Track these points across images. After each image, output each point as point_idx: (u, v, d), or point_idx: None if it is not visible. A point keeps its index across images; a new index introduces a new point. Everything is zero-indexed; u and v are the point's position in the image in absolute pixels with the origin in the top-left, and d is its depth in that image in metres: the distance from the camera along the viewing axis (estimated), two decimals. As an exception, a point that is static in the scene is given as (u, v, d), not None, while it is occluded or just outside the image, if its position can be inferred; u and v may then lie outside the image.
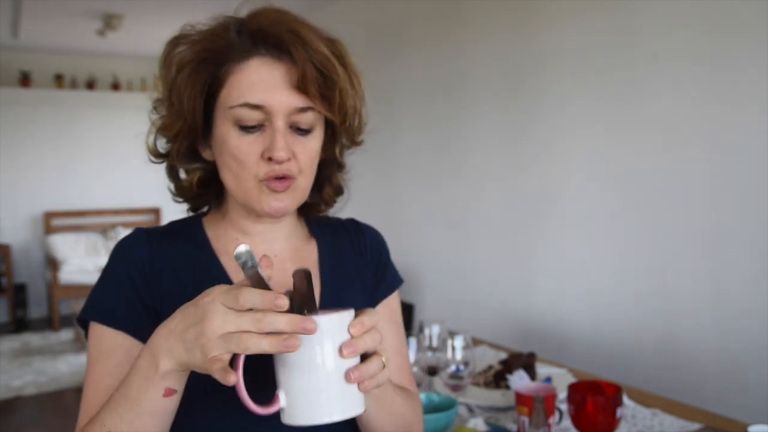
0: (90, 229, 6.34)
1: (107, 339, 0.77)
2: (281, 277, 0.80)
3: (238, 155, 0.77)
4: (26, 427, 3.45)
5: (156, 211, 6.59)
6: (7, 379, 4.22)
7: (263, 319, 0.58)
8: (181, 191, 0.87)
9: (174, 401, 0.66)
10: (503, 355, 1.88)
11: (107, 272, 0.81)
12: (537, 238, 2.78)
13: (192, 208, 0.91)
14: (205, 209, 0.92)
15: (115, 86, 6.36)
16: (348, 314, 0.64)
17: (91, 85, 6.25)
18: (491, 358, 1.90)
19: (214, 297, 0.60)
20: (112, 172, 6.43)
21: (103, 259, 5.90)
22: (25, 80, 5.93)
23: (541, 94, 2.70)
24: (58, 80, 6.13)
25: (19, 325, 5.73)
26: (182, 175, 0.88)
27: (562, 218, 2.63)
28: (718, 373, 2.04)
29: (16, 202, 6.05)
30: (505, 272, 2.97)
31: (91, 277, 5.57)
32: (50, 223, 6.15)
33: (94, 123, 6.39)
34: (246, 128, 0.76)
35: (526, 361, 1.63)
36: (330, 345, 0.61)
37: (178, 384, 0.65)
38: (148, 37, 5.57)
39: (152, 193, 6.47)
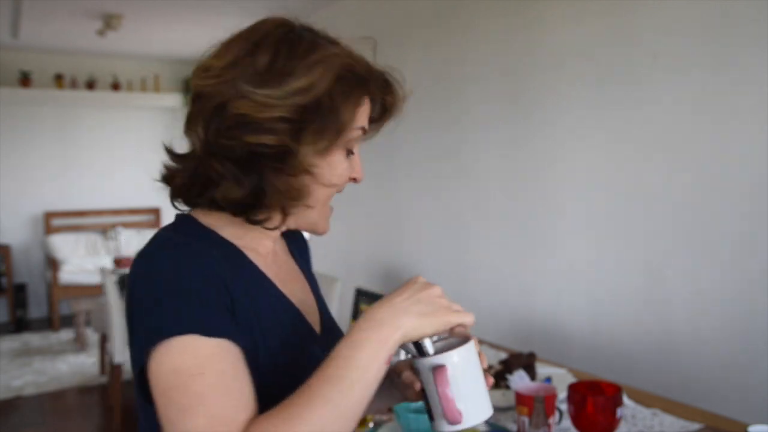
0: (90, 229, 6.34)
1: (210, 348, 0.69)
2: (285, 267, 0.91)
3: (343, 177, 0.81)
4: (26, 427, 3.45)
5: (156, 212, 6.59)
6: (7, 379, 4.22)
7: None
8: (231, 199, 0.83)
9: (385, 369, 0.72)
10: (503, 355, 1.88)
11: (184, 283, 0.72)
12: (537, 238, 2.78)
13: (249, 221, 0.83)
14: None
15: (115, 86, 6.36)
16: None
17: (91, 85, 6.25)
18: (491, 358, 1.90)
19: (436, 291, 0.74)
20: (112, 172, 6.43)
21: (103, 259, 5.91)
22: (25, 80, 5.93)
23: (542, 97, 2.70)
24: (58, 80, 6.13)
25: (19, 325, 5.73)
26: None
27: (562, 218, 2.63)
28: (718, 373, 2.04)
29: (16, 202, 6.05)
30: (505, 273, 2.97)
31: (91, 277, 5.57)
32: (50, 223, 6.15)
33: (94, 123, 6.39)
34: (350, 152, 0.81)
35: (526, 361, 1.63)
36: (478, 361, 0.77)
37: (394, 352, 0.72)
38: (148, 37, 5.57)
39: (152, 193, 6.46)
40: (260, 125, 0.73)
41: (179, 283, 0.71)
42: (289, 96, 0.73)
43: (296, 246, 0.98)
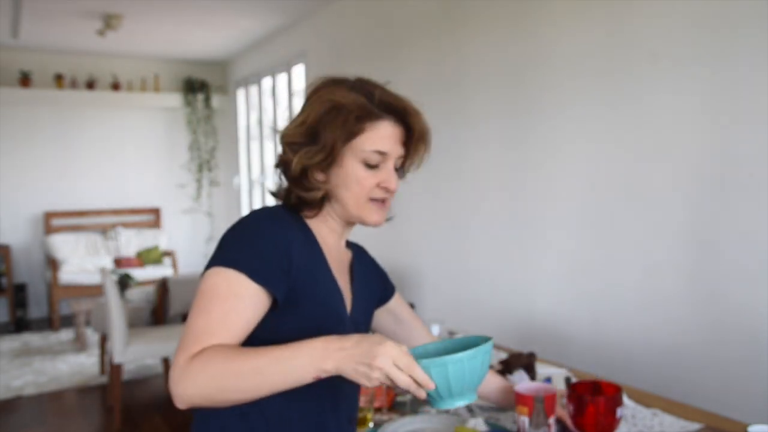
0: (90, 229, 6.34)
1: (244, 287, 0.95)
2: (343, 266, 1.16)
3: (363, 183, 1.07)
4: (26, 427, 3.45)
5: (156, 211, 6.58)
6: (7, 379, 4.22)
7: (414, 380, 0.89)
8: (288, 194, 1.11)
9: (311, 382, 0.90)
10: (503, 355, 1.88)
11: (257, 234, 1.00)
12: (537, 238, 2.78)
13: (289, 207, 1.12)
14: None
15: (115, 86, 6.36)
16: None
17: (91, 85, 6.25)
18: (491, 358, 1.90)
19: (386, 349, 0.86)
20: (112, 172, 6.43)
21: (103, 259, 5.91)
22: (25, 80, 5.93)
23: (541, 96, 2.70)
24: (58, 80, 6.13)
25: (19, 325, 5.73)
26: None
27: (562, 218, 2.63)
28: (718, 373, 2.04)
29: (16, 202, 6.05)
30: (506, 272, 2.97)
31: (92, 277, 5.57)
32: (50, 223, 6.15)
33: (94, 123, 6.39)
34: (370, 166, 1.07)
35: (526, 361, 1.63)
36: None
37: (325, 376, 0.89)
38: (148, 37, 5.57)
39: (152, 193, 6.47)
40: (287, 147, 1.08)
41: (254, 235, 1.00)
42: (296, 127, 1.08)
43: (362, 268, 1.23)
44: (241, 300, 0.95)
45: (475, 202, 3.16)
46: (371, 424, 1.34)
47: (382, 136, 1.07)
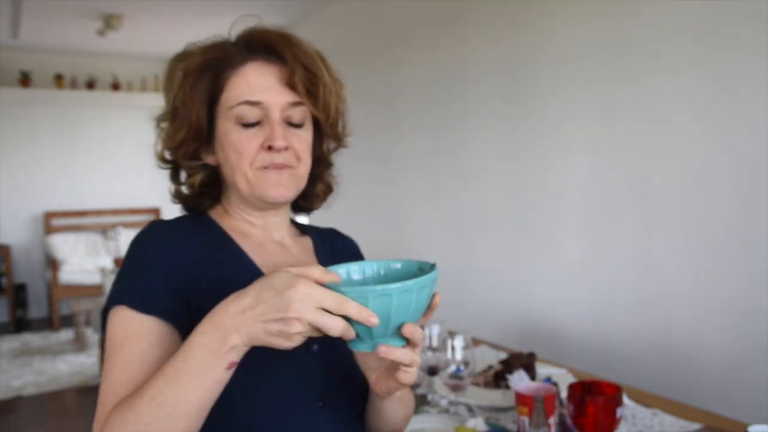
0: (90, 229, 6.34)
1: (137, 324, 0.79)
2: (293, 261, 0.94)
3: (240, 147, 0.86)
4: (26, 427, 3.45)
5: (156, 212, 6.59)
6: (7, 379, 4.22)
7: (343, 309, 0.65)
8: (182, 193, 0.95)
9: (231, 373, 0.70)
10: (503, 355, 1.87)
11: (138, 260, 0.84)
12: (537, 238, 2.78)
13: (189, 209, 0.97)
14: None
15: (115, 86, 6.36)
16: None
17: (91, 85, 6.25)
18: (491, 358, 1.90)
19: (300, 291, 0.64)
20: (112, 172, 6.43)
21: (103, 259, 5.91)
22: (25, 80, 5.93)
23: (542, 97, 2.70)
24: (58, 80, 6.13)
25: (19, 325, 5.73)
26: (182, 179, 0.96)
27: (562, 218, 2.63)
28: (718, 373, 2.04)
29: (16, 202, 6.05)
30: (506, 272, 2.97)
31: (92, 277, 5.57)
32: (50, 223, 6.15)
33: (94, 123, 6.39)
34: (246, 125, 0.86)
35: (526, 361, 1.63)
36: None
37: (239, 357, 0.69)
38: (148, 37, 5.57)
39: (152, 193, 6.47)
40: (158, 139, 0.94)
41: (134, 260, 0.84)
42: (163, 119, 0.93)
43: (332, 250, 1.03)
44: (139, 340, 0.79)
45: (475, 202, 3.16)
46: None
47: (249, 83, 0.86)
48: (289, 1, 4.41)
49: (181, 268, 0.83)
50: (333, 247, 1.04)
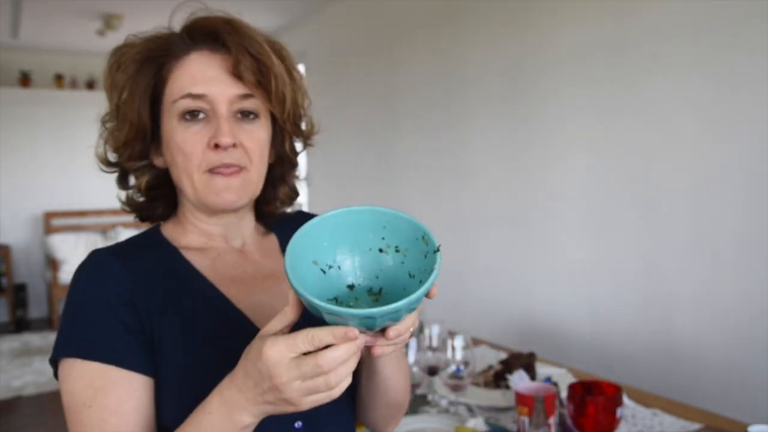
0: (90, 229, 6.34)
1: (98, 375, 0.72)
2: (254, 269, 0.86)
3: (184, 147, 0.78)
4: (26, 427, 3.45)
5: (156, 211, 6.60)
6: (7, 379, 4.22)
7: (332, 379, 0.60)
8: (131, 199, 0.89)
9: None
10: (503, 355, 1.87)
11: (81, 303, 0.75)
12: (537, 238, 2.78)
13: (142, 218, 0.89)
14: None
15: (115, 86, 6.36)
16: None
17: (91, 85, 6.25)
18: (491, 358, 1.90)
19: (269, 354, 0.59)
20: (112, 172, 6.43)
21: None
22: (25, 80, 5.93)
23: (542, 97, 2.70)
24: (58, 80, 6.13)
25: (19, 325, 5.73)
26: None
27: (562, 218, 2.63)
28: (718, 373, 2.04)
29: (16, 202, 6.05)
30: (506, 272, 2.97)
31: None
32: (50, 223, 6.15)
33: (94, 123, 6.38)
34: (190, 120, 0.78)
35: (526, 361, 1.63)
36: None
37: (253, 427, 0.67)
38: (148, 37, 5.57)
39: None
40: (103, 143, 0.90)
41: (75, 302, 0.75)
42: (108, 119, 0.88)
43: None
44: (107, 393, 0.71)
45: (475, 202, 3.16)
46: (371, 424, 1.34)
47: (192, 74, 0.78)
48: (289, 1, 4.41)
49: (125, 303, 0.74)
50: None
